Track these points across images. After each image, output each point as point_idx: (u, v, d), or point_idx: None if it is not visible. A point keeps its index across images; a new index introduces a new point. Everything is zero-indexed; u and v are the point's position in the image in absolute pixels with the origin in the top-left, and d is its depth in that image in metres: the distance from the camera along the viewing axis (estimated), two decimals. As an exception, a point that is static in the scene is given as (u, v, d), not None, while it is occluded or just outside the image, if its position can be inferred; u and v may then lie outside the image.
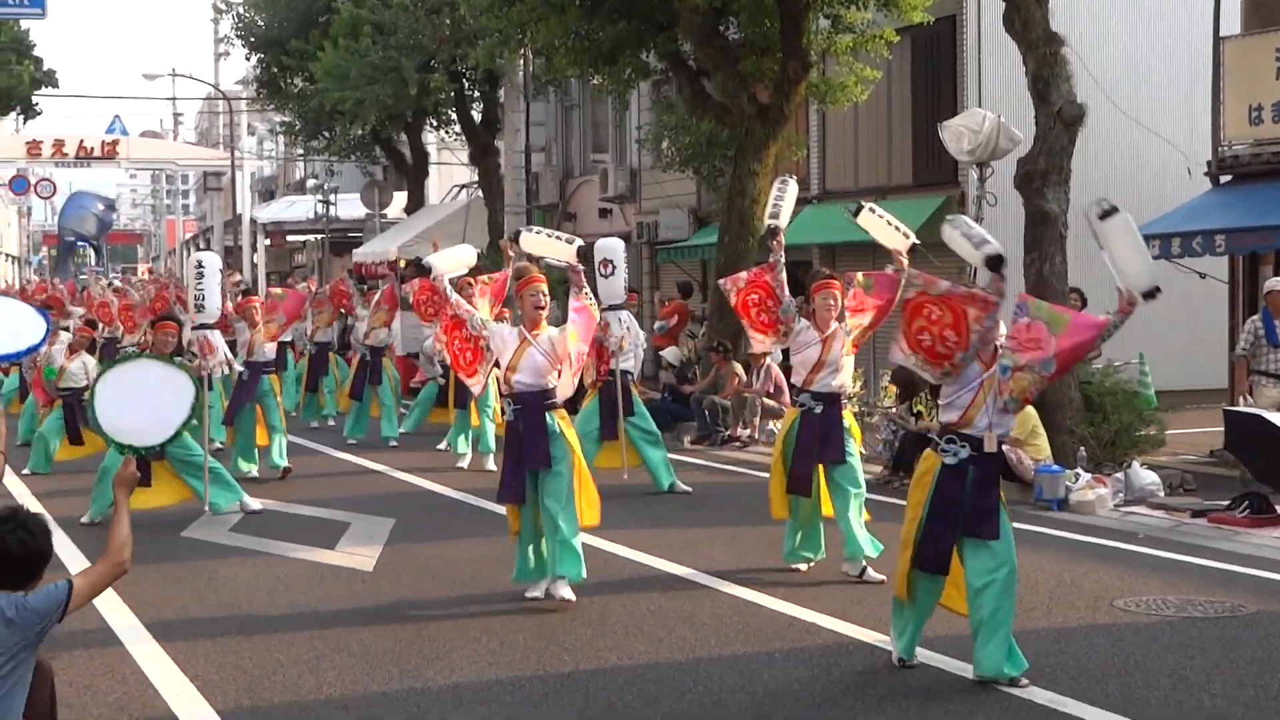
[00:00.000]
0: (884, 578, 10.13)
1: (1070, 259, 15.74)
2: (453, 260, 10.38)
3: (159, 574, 10.81)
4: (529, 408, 9.80)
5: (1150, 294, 7.41)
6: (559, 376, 9.88)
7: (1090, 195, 21.59)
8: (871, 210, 10.42)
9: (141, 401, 5.51)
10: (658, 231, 29.61)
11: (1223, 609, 9.52)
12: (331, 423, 21.52)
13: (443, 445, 17.92)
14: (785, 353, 21.61)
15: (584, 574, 9.82)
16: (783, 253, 10.71)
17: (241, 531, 12.94)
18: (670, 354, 22.01)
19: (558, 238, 11.05)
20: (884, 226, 10.31)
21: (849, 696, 7.65)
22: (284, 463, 16.14)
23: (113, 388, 5.53)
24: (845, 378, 10.72)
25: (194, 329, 15.18)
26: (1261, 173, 17.22)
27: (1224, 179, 17.87)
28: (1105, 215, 7.56)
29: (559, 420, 9.88)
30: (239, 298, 18.77)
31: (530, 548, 10.05)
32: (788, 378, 19.89)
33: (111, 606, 9.69)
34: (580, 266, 10.49)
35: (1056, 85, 15.43)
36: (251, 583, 10.75)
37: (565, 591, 9.73)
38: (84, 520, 13.22)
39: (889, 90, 23.58)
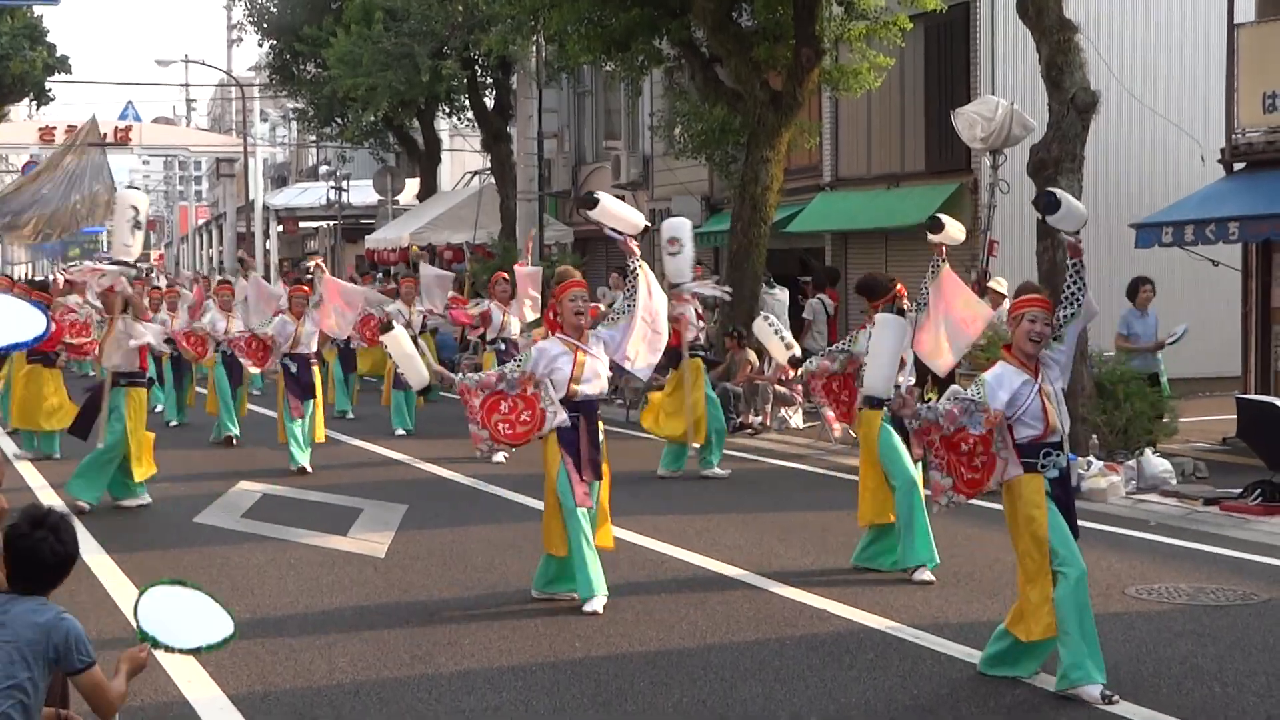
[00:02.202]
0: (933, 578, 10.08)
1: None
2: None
3: (171, 560, 10.84)
4: (588, 417, 9.46)
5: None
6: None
7: (1103, 183, 21.57)
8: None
9: (184, 617, 5.56)
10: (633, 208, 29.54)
11: (1235, 597, 9.51)
12: (350, 416, 21.44)
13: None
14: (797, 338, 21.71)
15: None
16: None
17: (253, 517, 12.97)
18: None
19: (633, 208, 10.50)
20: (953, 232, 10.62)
21: (860, 683, 7.66)
22: (305, 462, 15.79)
23: (164, 598, 5.55)
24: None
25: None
26: (1275, 160, 17.15)
27: (1237, 166, 17.80)
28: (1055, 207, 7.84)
29: (601, 429, 9.62)
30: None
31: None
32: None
33: (123, 591, 9.73)
34: (636, 242, 9.98)
35: (1070, 72, 15.39)
36: (263, 568, 10.77)
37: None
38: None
39: (902, 77, 23.53)
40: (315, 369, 16.25)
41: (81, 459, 13.54)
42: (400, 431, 19.20)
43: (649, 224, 10.50)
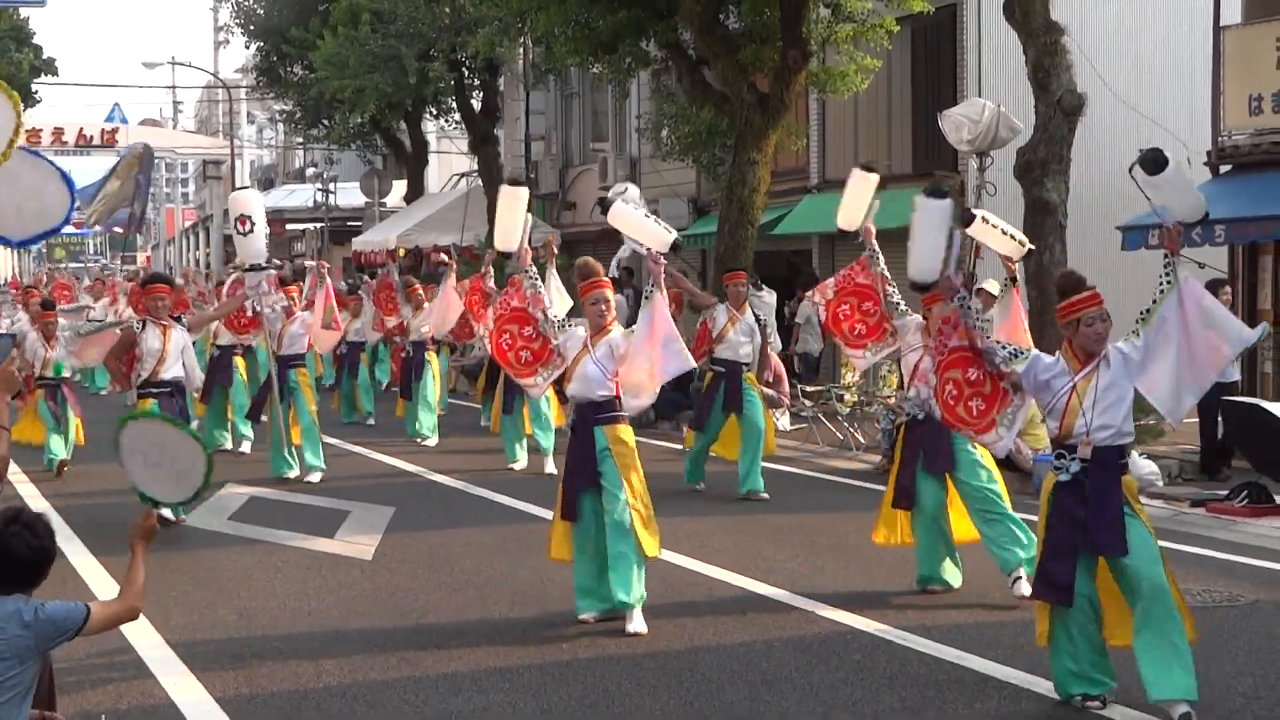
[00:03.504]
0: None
1: (1069, 248, 15.74)
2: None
3: (158, 561, 10.76)
4: (579, 419, 9.15)
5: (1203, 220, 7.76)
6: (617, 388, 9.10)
7: (1090, 185, 21.50)
8: (984, 220, 10.03)
9: (161, 462, 5.60)
10: (657, 221, 29.57)
11: (1221, 598, 9.52)
12: (371, 422, 20.95)
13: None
14: (786, 342, 21.69)
15: (631, 599, 8.85)
16: (876, 247, 10.19)
17: (241, 520, 12.94)
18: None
19: (656, 221, 10.06)
20: (997, 235, 10.04)
21: (847, 684, 7.66)
22: (320, 463, 15.32)
23: (135, 442, 5.60)
24: None
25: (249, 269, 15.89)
26: (1261, 162, 17.22)
27: (1224, 169, 17.86)
28: (1158, 169, 7.54)
29: (608, 436, 9.03)
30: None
31: (588, 568, 9.11)
32: (788, 368, 19.91)
33: (109, 593, 9.68)
34: (663, 261, 9.42)
35: (1056, 75, 15.44)
36: (250, 571, 10.76)
37: (634, 625, 8.76)
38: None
39: (889, 79, 23.55)
40: (300, 372, 16.09)
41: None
42: (426, 440, 18.61)
43: (678, 237, 9.90)
